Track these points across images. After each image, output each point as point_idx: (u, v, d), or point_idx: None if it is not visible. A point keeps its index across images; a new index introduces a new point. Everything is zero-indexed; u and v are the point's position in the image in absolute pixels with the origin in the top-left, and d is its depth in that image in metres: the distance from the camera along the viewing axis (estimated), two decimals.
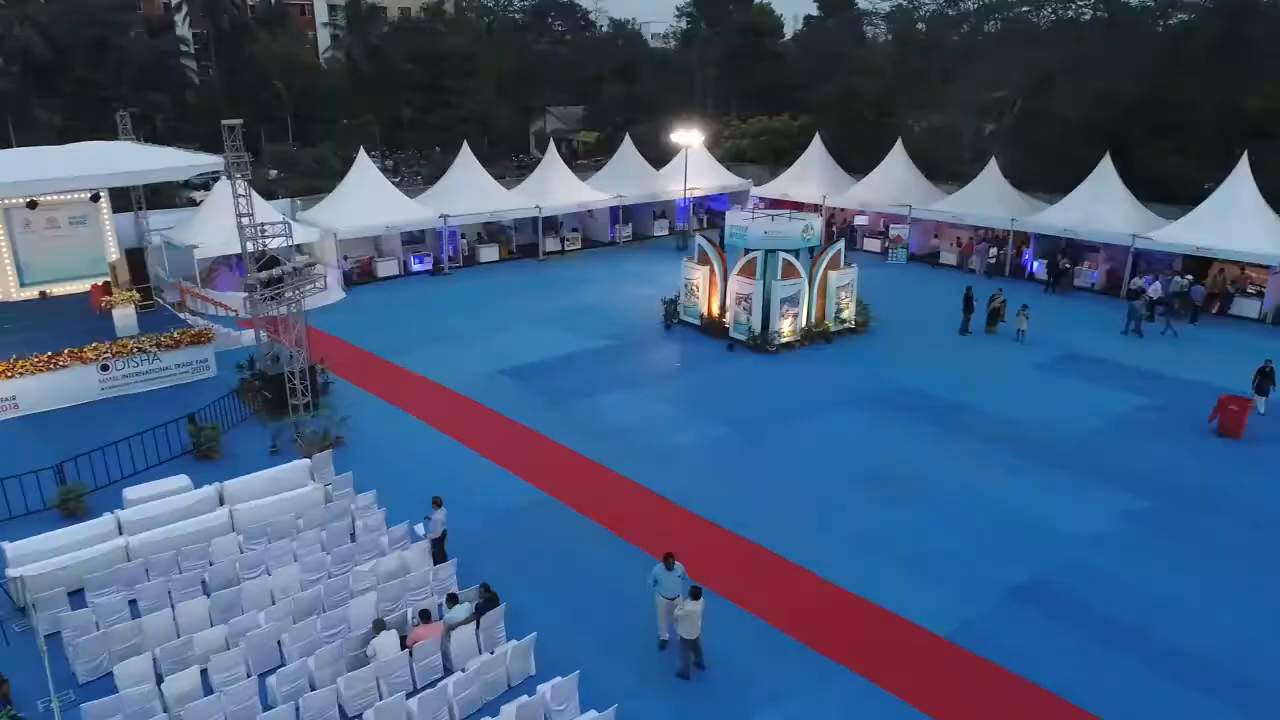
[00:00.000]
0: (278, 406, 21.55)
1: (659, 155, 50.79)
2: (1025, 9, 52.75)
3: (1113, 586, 15.23)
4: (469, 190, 40.34)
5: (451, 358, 27.25)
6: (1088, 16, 52.28)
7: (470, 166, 41.37)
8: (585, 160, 63.93)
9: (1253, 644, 13.72)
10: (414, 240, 39.88)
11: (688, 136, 43.40)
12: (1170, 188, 38.81)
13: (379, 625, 12.88)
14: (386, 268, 38.20)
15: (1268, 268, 31.91)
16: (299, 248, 30.29)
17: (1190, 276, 33.40)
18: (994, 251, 38.92)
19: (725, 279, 29.53)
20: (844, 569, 15.65)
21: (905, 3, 56.45)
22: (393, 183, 42.53)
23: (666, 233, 47.44)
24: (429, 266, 39.18)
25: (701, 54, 66.84)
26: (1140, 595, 14.98)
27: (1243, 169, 33.07)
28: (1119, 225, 35.18)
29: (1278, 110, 38.45)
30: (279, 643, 13.20)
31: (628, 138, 48.41)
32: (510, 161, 62.50)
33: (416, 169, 59.26)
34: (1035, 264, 38.37)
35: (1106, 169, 36.79)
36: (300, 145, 58.20)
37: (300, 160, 54.24)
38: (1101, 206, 36.03)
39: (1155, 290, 32.31)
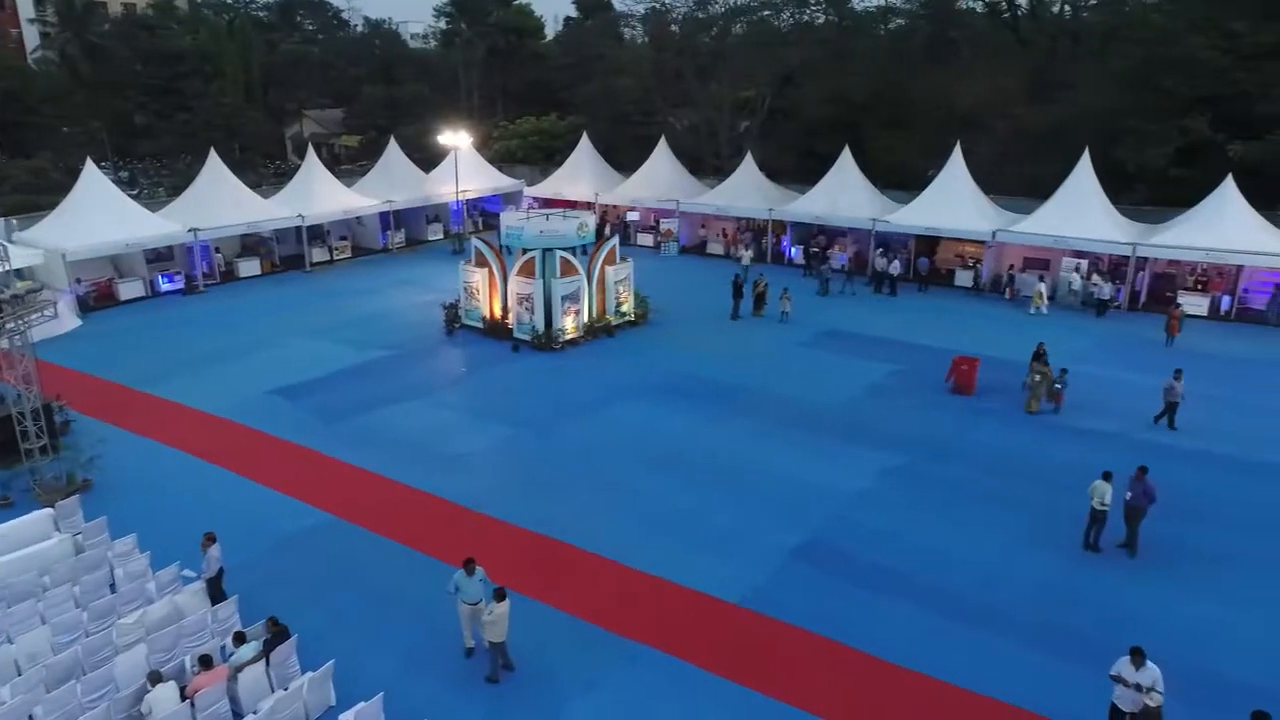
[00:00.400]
0: (7, 453, 19.04)
1: (428, 158, 49.68)
2: (767, 13, 56.48)
3: (878, 537, 16.82)
4: (221, 201, 37.40)
5: (214, 382, 25.29)
6: (822, 20, 56.86)
7: (220, 175, 38.39)
8: (349, 165, 61.23)
9: (995, 574, 15.65)
10: (161, 258, 36.50)
11: (456, 138, 42.78)
12: (901, 175, 43.16)
13: (155, 678, 11.80)
14: (130, 289, 34.72)
15: (982, 243, 36.32)
16: (19, 272, 26.91)
17: (889, 252, 37.39)
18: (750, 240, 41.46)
19: (505, 280, 29.46)
20: (640, 553, 16.19)
21: (659, 5, 58.65)
22: (130, 195, 38.68)
23: (441, 236, 46.52)
24: (180, 285, 36.02)
25: (464, 55, 66.00)
26: (902, 542, 16.64)
27: (957, 156, 37.42)
28: (861, 211, 38.67)
29: (980, 104, 43.76)
30: (31, 717, 11.74)
31: (393, 141, 46.96)
32: (266, 169, 58.62)
33: (158, 180, 54.09)
34: (793, 250, 41.33)
35: (847, 160, 40.28)
36: (9, 157, 51.37)
37: (11, 174, 47.84)
38: (845, 194, 39.45)
39: (895, 268, 35.88)
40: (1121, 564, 15.92)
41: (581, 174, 47.95)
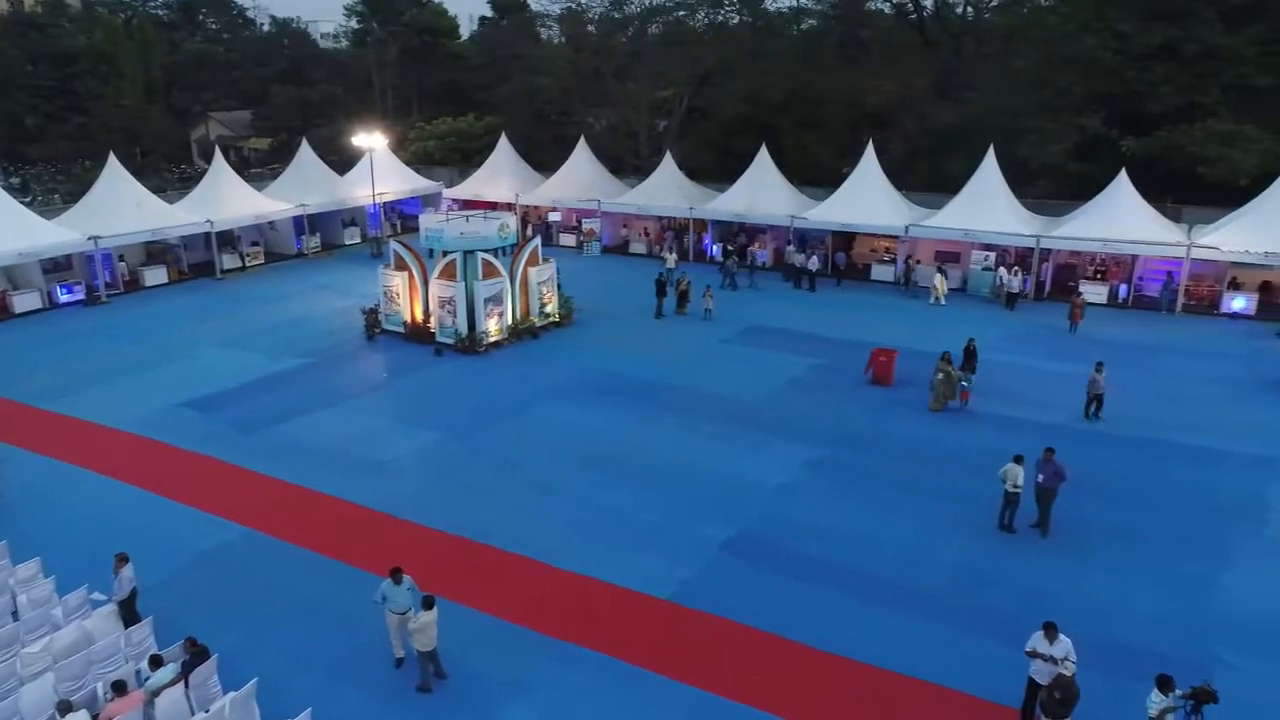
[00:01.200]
0: None
1: (342, 160, 48.63)
2: (682, 13, 56.98)
3: (804, 527, 17.15)
4: (122, 207, 35.84)
5: (120, 396, 24.25)
6: (736, 21, 57.63)
7: (121, 180, 36.81)
8: (259, 169, 59.42)
9: (916, 558, 16.13)
10: (59, 268, 34.78)
11: (371, 140, 41.92)
12: (817, 172, 44.10)
13: (64, 708, 11.25)
14: (25, 301, 32.99)
15: (896, 238, 37.36)
16: None
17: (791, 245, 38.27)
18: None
19: (426, 283, 29.03)
20: (570, 553, 16.17)
21: (575, 6, 58.58)
22: (23, 203, 36.78)
23: (359, 240, 45.52)
24: (81, 296, 34.42)
25: (377, 55, 64.73)
26: (827, 531, 17.01)
27: (870, 154, 38.39)
28: (780, 208, 39.34)
29: (889, 103, 45.01)
30: None
31: (305, 143, 45.79)
32: (170, 173, 56.47)
33: (52, 186, 51.56)
34: (714, 248, 41.81)
35: (764, 159, 40.92)
36: None
37: None
38: (764, 192, 40.08)
39: (814, 263, 36.58)
40: (1034, 543, 16.60)
41: (501, 175, 47.58)
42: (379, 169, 43.54)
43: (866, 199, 37.48)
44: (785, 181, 41.11)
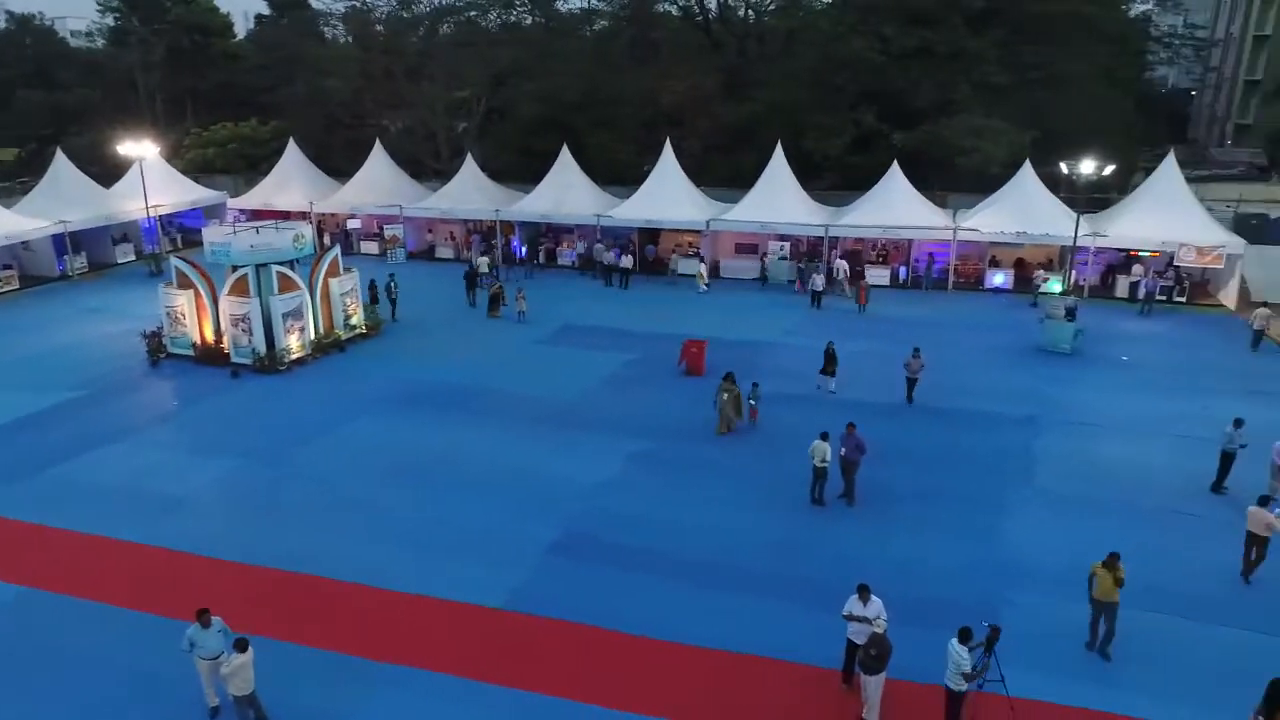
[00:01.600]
0: None
1: (107, 171, 44.37)
2: (473, 13, 56.24)
3: (628, 520, 17.45)
4: None
5: None
6: (529, 21, 57.58)
7: None
8: (6, 183, 53.00)
9: (736, 539, 16.81)
10: None
11: (139, 148, 38.48)
12: (618, 171, 44.93)
13: None
14: None
15: (699, 232, 38.74)
16: None
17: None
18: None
19: (215, 301, 27.04)
20: (393, 571, 15.61)
21: (360, 4, 56.37)
22: None
23: (133, 258, 41.69)
24: None
25: (141, 55, 59.39)
26: (650, 522, 17.39)
27: (668, 152, 39.59)
28: (585, 208, 39.75)
29: (682, 102, 46.58)
30: None
31: (60, 153, 41.29)
32: None
33: None
34: (523, 249, 41.63)
35: (566, 158, 41.21)
36: None
37: None
38: (568, 192, 40.38)
39: (626, 261, 37.19)
40: (843, 512, 17.76)
41: (292, 182, 45.08)
42: (153, 180, 40.08)
43: (668, 196, 38.62)
44: (589, 181, 41.60)
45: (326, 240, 42.09)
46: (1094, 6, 42.61)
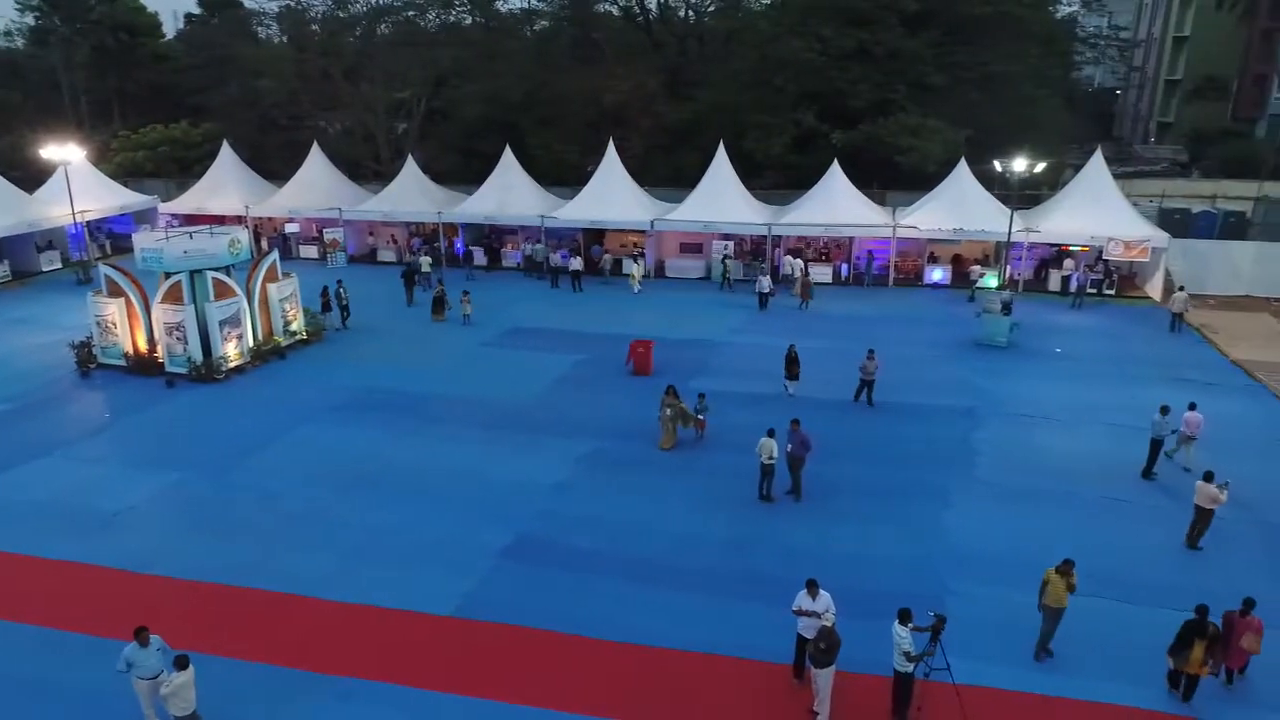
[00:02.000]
0: None
1: (29, 176, 42.86)
2: (412, 13, 55.54)
3: (580, 522, 17.43)
4: None
5: None
6: (469, 22, 57.08)
7: None
8: None
9: (687, 537, 16.90)
10: None
11: (64, 151, 37.16)
12: (562, 171, 44.83)
13: None
14: None
15: (644, 232, 38.84)
16: None
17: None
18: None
19: (148, 309, 26.26)
20: (342, 582, 15.36)
21: (295, 4, 55.25)
22: None
23: (60, 266, 40.27)
24: None
25: (64, 55, 57.33)
26: (603, 523, 17.40)
27: (611, 152, 39.59)
28: (529, 209, 39.55)
29: (625, 101, 46.64)
30: None
31: None
32: None
33: None
34: (465, 251, 41.25)
35: (509, 159, 40.96)
36: None
37: None
38: (512, 193, 40.14)
39: (576, 263, 37.04)
40: (791, 508, 17.99)
41: (227, 185, 43.99)
42: (79, 184, 38.70)
43: (612, 196, 38.65)
44: (532, 181, 41.43)
45: (264, 245, 41.18)
46: (1023, 8, 43.81)
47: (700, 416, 21.14)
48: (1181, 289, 31.58)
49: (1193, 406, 19.68)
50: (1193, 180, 49.18)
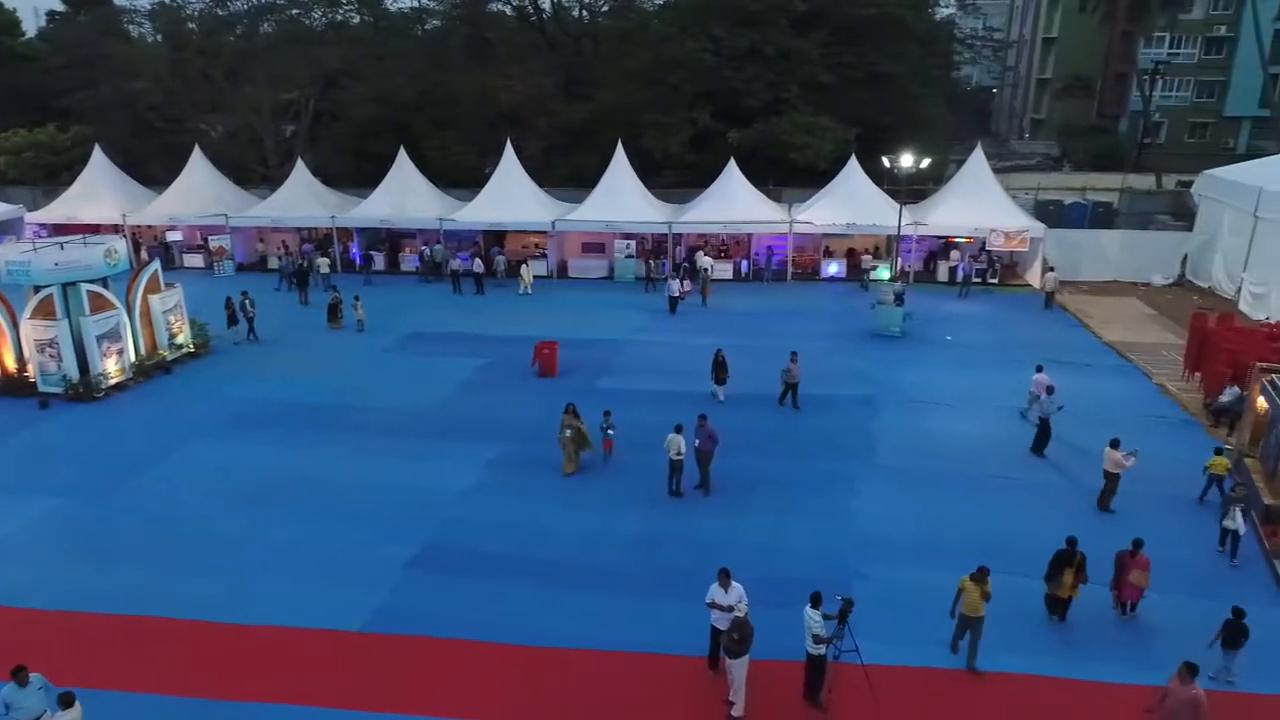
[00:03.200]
0: None
1: None
2: (296, 11, 53.73)
3: (490, 527, 17.19)
4: None
5: None
6: (357, 20, 55.58)
7: None
8: None
9: (598, 537, 16.86)
10: None
11: None
12: (459, 173, 44.16)
13: None
14: None
15: (545, 233, 38.63)
16: None
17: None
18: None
19: (16, 326, 24.61)
20: (241, 603, 14.72)
21: (169, 1, 52.66)
22: None
23: None
24: None
25: None
26: (513, 527, 17.20)
27: (509, 153, 39.22)
28: (427, 211, 38.83)
29: (521, 102, 46.29)
30: None
31: None
32: None
33: None
34: (361, 256, 40.22)
35: (404, 161, 40.12)
36: None
37: None
38: (409, 196, 39.33)
39: (478, 266, 36.48)
40: (701, 502, 18.18)
41: (101, 192, 41.61)
42: None
43: (512, 197, 38.31)
44: (429, 183, 40.67)
45: (144, 254, 39.17)
46: (904, 10, 45.49)
47: (607, 436, 20.02)
48: (1052, 270, 33.82)
49: (1040, 369, 21.97)
50: (1064, 173, 52.19)
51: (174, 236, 41.20)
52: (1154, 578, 13.92)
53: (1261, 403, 18.59)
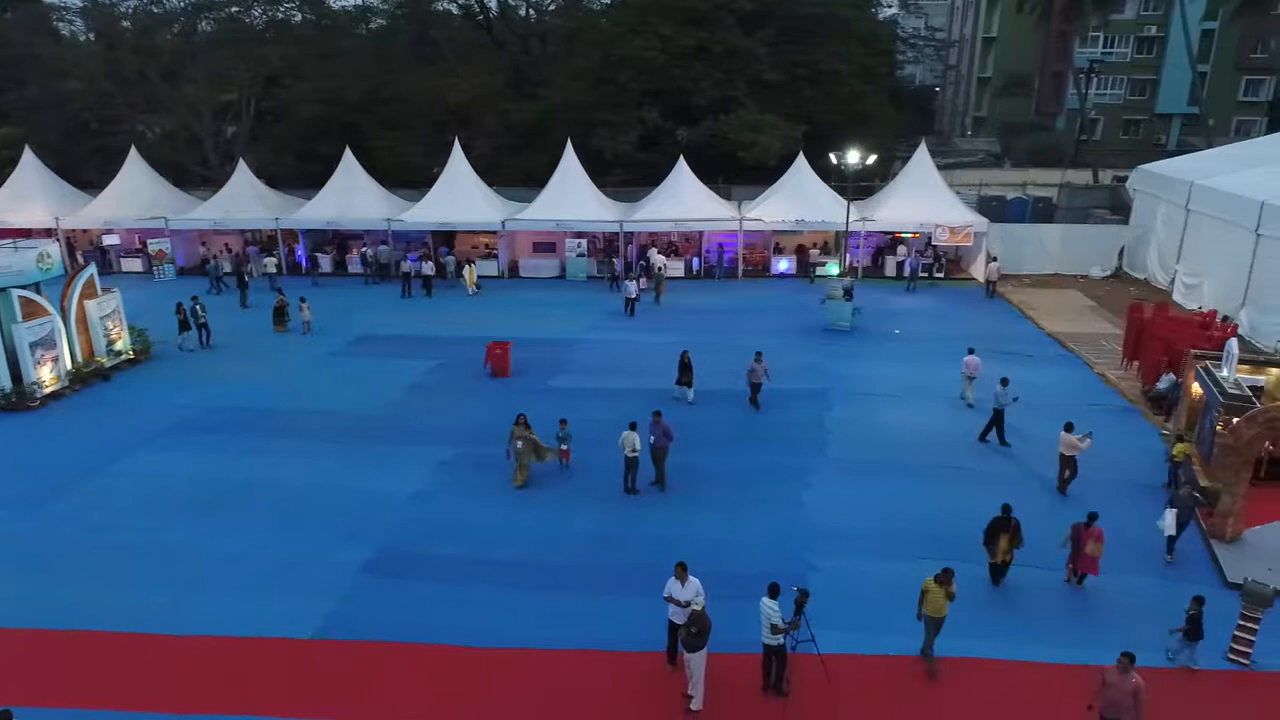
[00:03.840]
0: None
1: None
2: (236, 9, 52.60)
3: (443, 530, 17.01)
4: None
5: None
6: (299, 19, 54.59)
7: None
8: None
9: (553, 536, 16.80)
10: None
11: None
12: (407, 173, 43.63)
13: None
14: None
15: (495, 233, 38.35)
16: None
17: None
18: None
19: None
20: (190, 615, 14.34)
21: None
22: None
23: None
24: None
25: None
26: (466, 529, 17.04)
27: (457, 152, 38.84)
28: (374, 212, 38.28)
29: (469, 101, 45.91)
30: None
31: None
32: None
33: None
34: (306, 258, 39.53)
35: (350, 161, 39.49)
36: None
37: None
38: (355, 197, 38.72)
39: (428, 268, 36.00)
40: (656, 499, 18.20)
41: (32, 195, 40.22)
42: None
43: (461, 197, 37.96)
44: (376, 184, 40.10)
45: (79, 259, 37.99)
46: (848, 9, 46.13)
47: (564, 446, 19.40)
48: (994, 260, 34.69)
49: (971, 351, 23.16)
50: (1006, 170, 53.34)
51: (111, 240, 40.01)
52: (1107, 561, 14.38)
53: (1196, 388, 19.20)
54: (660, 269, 35.56)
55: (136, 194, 39.85)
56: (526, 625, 14.01)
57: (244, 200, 39.16)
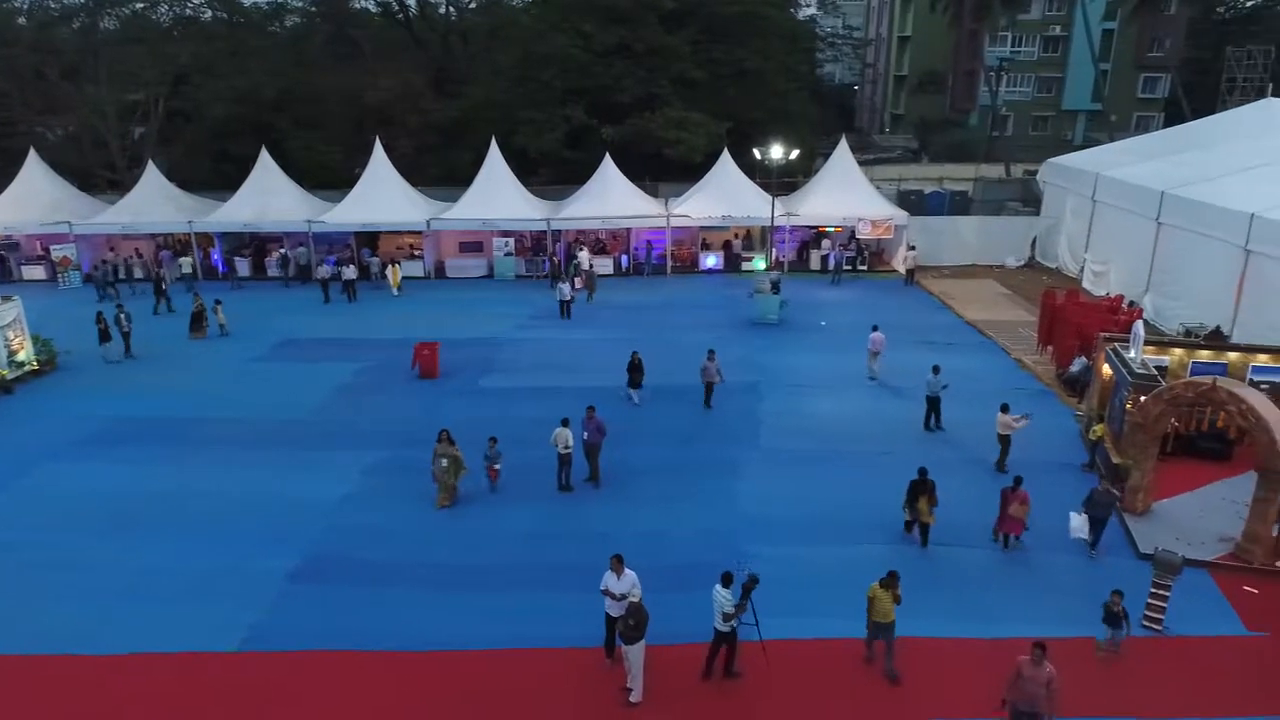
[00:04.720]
0: None
1: None
2: (141, 5, 50.64)
3: (372, 534, 16.63)
4: None
5: None
6: (208, 16, 52.86)
7: None
8: None
9: (486, 537, 16.59)
10: None
11: None
12: (327, 174, 42.64)
13: None
14: None
15: (420, 233, 37.72)
16: None
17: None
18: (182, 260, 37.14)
19: None
20: (107, 633, 13.70)
21: None
22: None
23: None
24: None
25: None
26: (394, 532, 16.70)
27: (379, 152, 38.09)
28: (294, 214, 37.25)
29: (390, 100, 45.10)
30: None
31: None
32: None
33: None
34: (223, 263, 38.25)
35: (267, 162, 38.36)
36: None
37: None
38: (273, 198, 37.62)
39: (350, 272, 34.99)
40: (591, 495, 18.14)
41: None
42: None
43: (384, 197, 37.24)
44: (295, 185, 39.03)
45: None
46: (769, 8, 46.77)
47: (495, 466, 18.30)
48: (912, 249, 35.73)
49: (875, 328, 24.56)
50: (923, 165, 54.84)
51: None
52: (1038, 538, 15.08)
53: (1106, 369, 20.02)
54: (591, 267, 35.46)
55: (36, 198, 37.94)
56: (462, 627, 13.80)
57: (154, 203, 37.65)
